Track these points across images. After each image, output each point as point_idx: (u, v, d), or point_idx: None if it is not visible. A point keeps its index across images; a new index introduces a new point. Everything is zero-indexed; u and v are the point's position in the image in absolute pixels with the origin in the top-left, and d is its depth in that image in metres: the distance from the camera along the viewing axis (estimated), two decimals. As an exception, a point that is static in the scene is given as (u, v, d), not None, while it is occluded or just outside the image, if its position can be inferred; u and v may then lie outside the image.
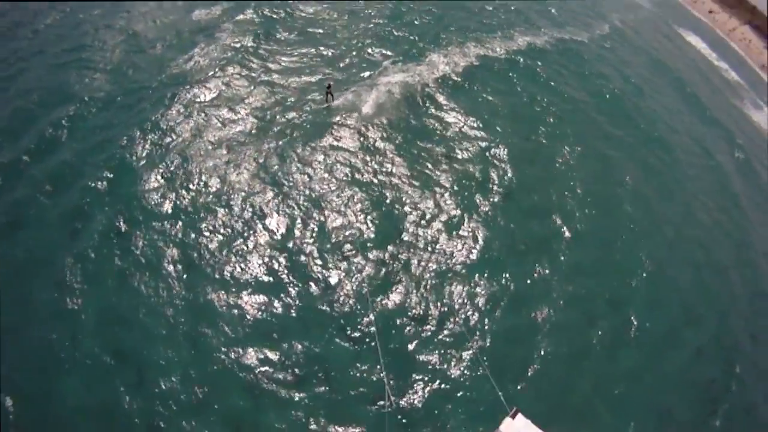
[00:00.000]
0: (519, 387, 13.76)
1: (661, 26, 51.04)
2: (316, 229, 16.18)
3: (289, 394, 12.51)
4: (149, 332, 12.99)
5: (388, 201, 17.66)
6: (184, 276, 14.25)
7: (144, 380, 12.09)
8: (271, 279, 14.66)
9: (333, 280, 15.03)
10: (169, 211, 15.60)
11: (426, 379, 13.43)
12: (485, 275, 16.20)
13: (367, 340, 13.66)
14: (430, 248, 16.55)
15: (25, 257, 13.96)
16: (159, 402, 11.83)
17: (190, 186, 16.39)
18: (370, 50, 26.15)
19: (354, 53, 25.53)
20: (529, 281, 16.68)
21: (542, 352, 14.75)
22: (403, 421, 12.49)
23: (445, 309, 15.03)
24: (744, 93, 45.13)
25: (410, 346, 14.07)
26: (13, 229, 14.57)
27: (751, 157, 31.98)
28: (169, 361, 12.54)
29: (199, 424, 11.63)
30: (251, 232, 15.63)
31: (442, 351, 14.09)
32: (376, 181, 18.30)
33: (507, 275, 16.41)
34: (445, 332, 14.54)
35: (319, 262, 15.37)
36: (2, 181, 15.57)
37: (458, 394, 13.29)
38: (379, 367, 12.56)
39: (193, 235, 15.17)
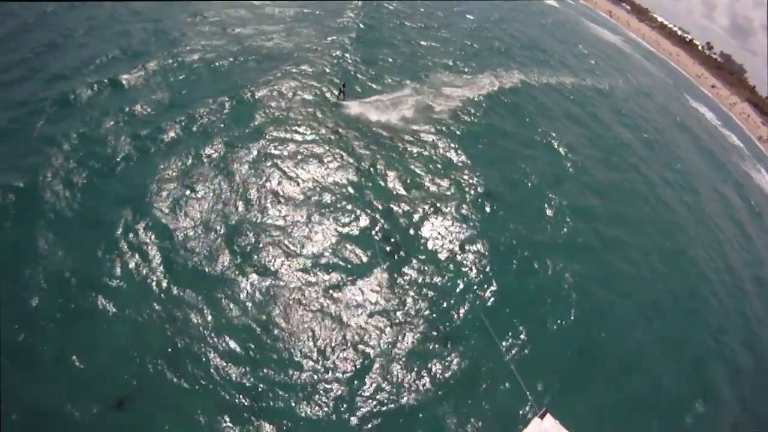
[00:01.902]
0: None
1: (672, 92, 55.49)
2: (369, 185, 16.67)
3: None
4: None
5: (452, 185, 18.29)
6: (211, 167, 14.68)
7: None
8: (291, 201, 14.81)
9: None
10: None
11: (449, 373, 12.42)
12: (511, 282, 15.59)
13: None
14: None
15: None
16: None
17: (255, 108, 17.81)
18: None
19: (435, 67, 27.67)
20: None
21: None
22: (422, 415, 11.33)
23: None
24: (746, 156, 48.97)
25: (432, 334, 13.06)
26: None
27: (762, 211, 34.74)
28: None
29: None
30: (293, 165, 16.13)
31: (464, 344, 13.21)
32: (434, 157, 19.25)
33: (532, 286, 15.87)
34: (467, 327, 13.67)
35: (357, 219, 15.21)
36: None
37: (484, 390, 12.41)
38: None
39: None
